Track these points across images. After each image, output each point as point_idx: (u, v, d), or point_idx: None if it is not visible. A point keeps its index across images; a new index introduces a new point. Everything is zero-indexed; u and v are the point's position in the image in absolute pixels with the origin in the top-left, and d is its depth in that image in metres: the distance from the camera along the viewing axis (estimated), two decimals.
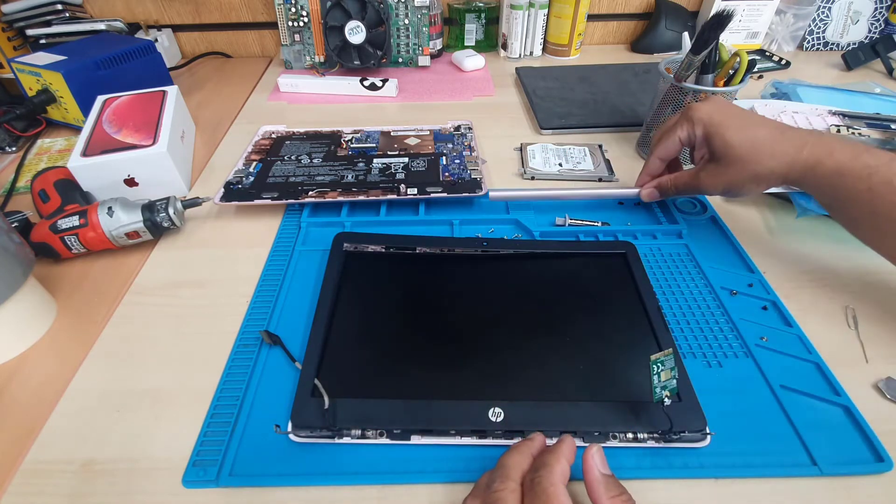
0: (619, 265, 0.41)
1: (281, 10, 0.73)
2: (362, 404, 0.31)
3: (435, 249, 0.42)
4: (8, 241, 0.35)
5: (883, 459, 0.29)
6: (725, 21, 0.44)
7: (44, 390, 0.35)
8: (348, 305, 0.37)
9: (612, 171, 0.54)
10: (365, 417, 0.30)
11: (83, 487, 0.29)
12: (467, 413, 0.30)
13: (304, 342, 0.36)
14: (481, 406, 0.30)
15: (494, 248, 0.41)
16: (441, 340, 0.35)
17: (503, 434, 0.30)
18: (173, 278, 0.43)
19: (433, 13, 0.78)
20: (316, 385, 0.31)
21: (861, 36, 0.84)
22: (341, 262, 0.40)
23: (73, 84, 0.60)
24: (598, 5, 0.87)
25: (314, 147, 0.57)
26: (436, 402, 0.31)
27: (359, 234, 0.42)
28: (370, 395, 0.32)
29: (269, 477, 0.29)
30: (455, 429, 0.30)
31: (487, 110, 0.69)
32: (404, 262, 0.41)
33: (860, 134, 0.52)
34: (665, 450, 0.30)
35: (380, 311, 0.37)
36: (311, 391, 0.31)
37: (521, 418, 0.30)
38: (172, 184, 0.51)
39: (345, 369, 0.33)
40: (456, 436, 0.30)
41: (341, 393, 0.31)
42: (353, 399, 0.31)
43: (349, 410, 0.30)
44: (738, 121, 0.38)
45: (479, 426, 0.30)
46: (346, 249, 0.41)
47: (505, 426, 0.30)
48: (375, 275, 0.40)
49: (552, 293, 0.39)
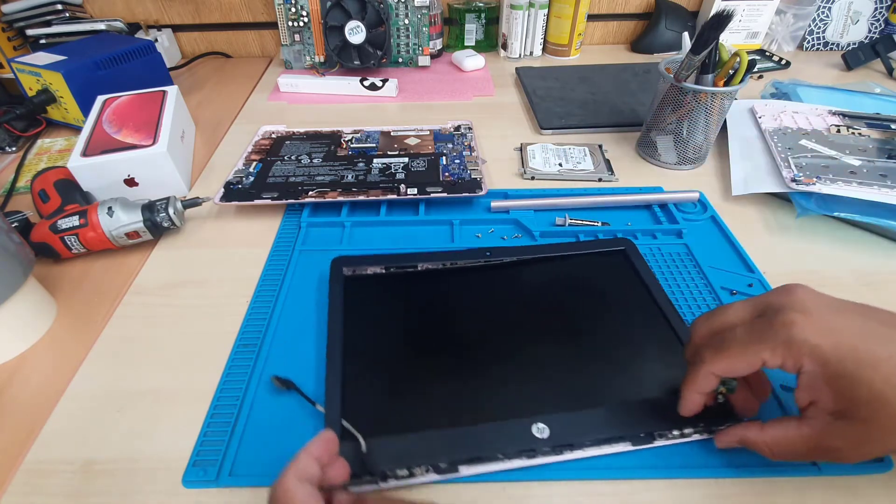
0: (620, 262, 0.41)
1: (281, 10, 0.73)
2: (399, 441, 0.28)
3: (437, 265, 0.40)
4: (8, 241, 0.35)
5: (883, 459, 0.29)
6: (725, 21, 0.44)
7: (44, 390, 0.34)
8: (359, 335, 0.35)
9: (612, 171, 0.54)
10: (406, 454, 0.28)
11: (83, 487, 0.29)
12: (511, 433, 0.29)
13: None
14: (523, 424, 0.29)
15: (498, 258, 0.40)
16: (463, 359, 0.34)
17: (552, 450, 0.29)
18: (173, 278, 0.43)
19: (433, 13, 0.77)
20: (346, 428, 0.28)
21: (861, 36, 0.84)
22: (342, 288, 0.38)
23: (73, 84, 0.60)
24: (598, 5, 0.87)
25: (314, 147, 0.57)
26: (476, 427, 0.29)
27: (356, 256, 0.40)
28: (404, 429, 0.29)
29: (269, 477, 0.29)
30: (502, 452, 0.28)
31: (487, 110, 0.69)
32: (408, 281, 0.39)
33: (860, 134, 0.52)
34: (665, 449, 0.30)
35: (393, 337, 0.35)
36: (341, 435, 0.28)
37: (568, 431, 0.29)
38: (172, 184, 0.51)
39: (370, 405, 0.31)
40: (505, 459, 0.28)
41: (373, 432, 0.28)
42: (388, 436, 0.28)
43: (387, 450, 0.28)
44: (876, 346, 0.23)
45: (528, 445, 0.29)
46: (346, 274, 0.39)
47: (553, 441, 0.29)
48: (381, 298, 0.38)
49: (562, 297, 0.39)
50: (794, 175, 0.47)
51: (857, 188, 0.44)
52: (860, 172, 0.46)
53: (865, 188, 0.44)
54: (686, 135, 0.52)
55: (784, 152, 0.50)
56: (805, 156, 0.49)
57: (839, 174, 0.46)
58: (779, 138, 0.52)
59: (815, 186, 0.45)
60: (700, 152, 0.54)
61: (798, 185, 0.45)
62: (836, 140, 0.51)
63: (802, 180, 0.46)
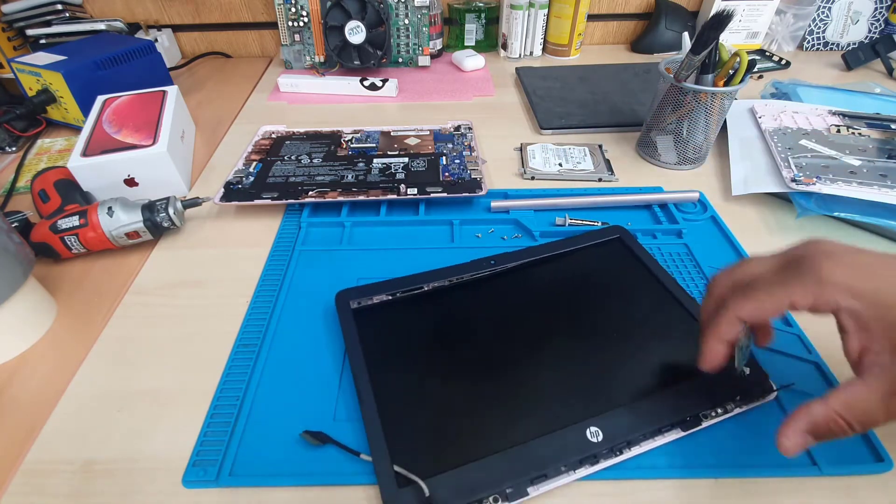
0: (619, 249, 0.41)
1: (281, 10, 0.73)
2: (459, 475, 0.27)
3: (444, 282, 0.39)
4: (8, 241, 0.35)
5: (883, 459, 0.29)
6: (725, 21, 0.44)
7: (44, 390, 0.34)
8: (384, 370, 0.33)
9: (612, 170, 0.54)
10: (471, 487, 0.27)
11: (83, 487, 0.29)
12: (567, 443, 0.28)
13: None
14: (576, 431, 0.29)
15: (503, 264, 0.40)
16: (496, 374, 0.33)
17: (611, 451, 0.28)
18: (173, 278, 0.43)
19: (433, 13, 0.77)
20: (399, 473, 0.27)
21: (861, 36, 0.84)
22: (354, 323, 0.36)
23: (73, 84, 0.60)
24: (598, 5, 0.87)
25: (314, 147, 0.57)
26: (531, 443, 0.28)
27: (360, 287, 0.38)
28: (461, 461, 0.28)
29: (269, 477, 0.29)
30: (565, 464, 0.28)
31: (487, 110, 0.69)
32: (418, 304, 0.38)
33: (860, 134, 0.52)
34: (666, 448, 0.30)
35: (420, 364, 0.34)
36: (397, 482, 0.27)
37: (621, 429, 0.29)
38: (172, 184, 0.51)
39: (418, 443, 0.29)
40: (570, 471, 0.28)
41: (429, 471, 0.27)
42: (446, 473, 0.27)
43: (449, 486, 0.26)
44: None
45: (587, 451, 0.28)
46: (353, 307, 0.37)
47: (609, 443, 0.28)
48: (395, 327, 0.36)
49: (572, 294, 0.39)
50: (794, 175, 0.47)
51: (857, 188, 0.44)
52: (860, 172, 0.46)
53: (865, 188, 0.44)
54: (686, 135, 0.52)
55: (784, 152, 0.50)
56: (805, 156, 0.49)
57: (839, 174, 0.46)
58: (779, 138, 0.52)
59: (815, 186, 0.45)
60: (700, 152, 0.54)
61: (798, 185, 0.45)
62: (836, 140, 0.51)
63: (802, 180, 0.46)
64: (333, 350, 0.36)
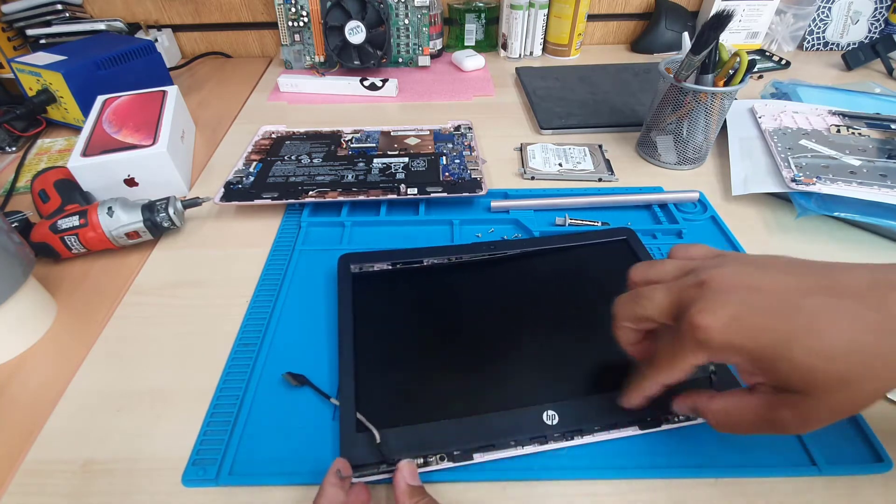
0: (623, 250, 0.41)
1: (281, 10, 0.73)
2: (413, 431, 0.29)
3: (443, 259, 0.41)
4: (8, 241, 0.35)
5: (882, 459, 0.29)
6: (725, 21, 0.44)
7: (44, 390, 0.35)
8: (370, 330, 0.36)
9: (612, 170, 0.54)
10: (420, 444, 0.29)
11: (83, 487, 0.29)
12: (522, 421, 0.30)
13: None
14: (534, 411, 0.30)
15: (502, 250, 0.41)
16: (473, 351, 0.34)
17: (562, 436, 0.30)
18: (173, 278, 0.43)
19: (433, 13, 0.77)
20: (360, 420, 0.29)
21: (861, 36, 0.84)
22: (351, 285, 0.38)
23: (73, 84, 0.60)
24: (598, 5, 0.87)
25: (314, 147, 0.57)
26: (488, 416, 0.30)
27: (363, 253, 0.41)
28: (417, 420, 0.30)
29: (269, 476, 0.29)
30: (514, 439, 0.29)
31: (487, 110, 0.69)
32: (415, 276, 0.40)
33: (860, 134, 0.52)
34: (666, 448, 0.30)
35: (403, 331, 0.36)
36: (356, 427, 0.29)
37: (577, 416, 0.30)
38: (172, 184, 0.51)
39: (383, 397, 0.31)
40: (517, 446, 0.29)
41: (387, 423, 0.29)
42: (401, 427, 0.29)
43: (401, 440, 0.29)
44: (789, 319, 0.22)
45: (539, 432, 0.29)
46: (354, 271, 0.40)
47: (563, 427, 0.30)
48: (389, 294, 0.39)
49: (566, 286, 0.39)
50: (794, 175, 0.47)
51: (857, 188, 0.44)
52: (860, 172, 0.46)
53: (865, 188, 0.44)
54: (686, 135, 0.52)
55: (784, 152, 0.50)
56: (805, 156, 0.49)
57: (839, 174, 0.46)
58: (779, 138, 0.52)
59: (815, 186, 0.45)
60: (700, 152, 0.54)
61: (798, 185, 0.45)
62: (836, 140, 0.51)
63: (802, 180, 0.46)
64: (333, 350, 0.36)
